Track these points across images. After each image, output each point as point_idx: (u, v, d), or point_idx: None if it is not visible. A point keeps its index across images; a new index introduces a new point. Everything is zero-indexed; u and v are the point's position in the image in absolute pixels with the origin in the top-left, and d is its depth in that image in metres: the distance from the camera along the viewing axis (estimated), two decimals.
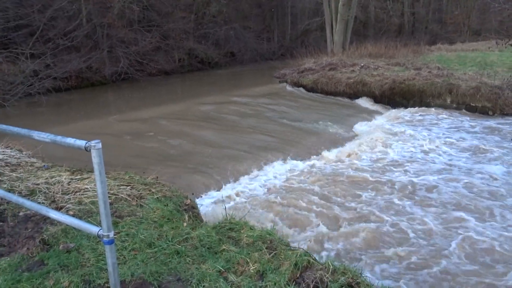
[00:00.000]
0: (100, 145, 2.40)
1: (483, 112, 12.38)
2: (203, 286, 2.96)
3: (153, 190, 4.86)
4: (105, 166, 2.46)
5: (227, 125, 10.84)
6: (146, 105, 13.73)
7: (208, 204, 6.23)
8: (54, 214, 2.97)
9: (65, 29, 16.96)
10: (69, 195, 4.45)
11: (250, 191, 6.94)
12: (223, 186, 7.08)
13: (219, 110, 12.42)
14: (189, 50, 23.96)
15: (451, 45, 24.95)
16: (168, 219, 4.15)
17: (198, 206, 5.23)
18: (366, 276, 3.39)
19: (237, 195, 6.75)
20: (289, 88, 16.99)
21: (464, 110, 12.75)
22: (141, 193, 4.70)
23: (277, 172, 7.86)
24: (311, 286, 3.05)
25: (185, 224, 4.10)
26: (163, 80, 20.57)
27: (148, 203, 4.44)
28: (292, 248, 3.61)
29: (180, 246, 3.51)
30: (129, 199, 4.48)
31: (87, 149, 2.41)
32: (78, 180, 4.87)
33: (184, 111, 12.33)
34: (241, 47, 27.16)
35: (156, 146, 8.90)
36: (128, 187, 4.81)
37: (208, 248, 3.56)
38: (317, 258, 3.55)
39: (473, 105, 12.63)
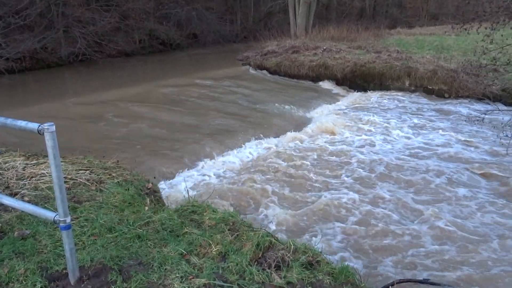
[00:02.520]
0: (53, 128, 2.31)
1: (440, 94, 12.82)
2: (165, 269, 2.95)
3: (114, 175, 4.76)
4: (62, 151, 2.38)
5: (190, 108, 10.71)
6: (106, 87, 13.32)
7: (171, 187, 6.18)
8: (7, 201, 2.86)
9: (16, 7, 16.07)
10: (24, 180, 4.29)
11: (213, 174, 6.93)
12: (186, 169, 7.02)
13: (181, 93, 12.24)
14: (150, 31, 23.34)
15: (410, 29, 25.53)
16: (129, 203, 4.09)
17: (160, 190, 5.19)
18: (326, 254, 3.49)
19: (200, 178, 6.72)
20: (252, 71, 16.94)
21: (422, 93, 13.15)
22: (100, 178, 4.59)
23: (240, 154, 7.88)
24: (273, 265, 3.11)
25: (146, 208, 4.06)
26: (123, 62, 19.99)
27: (108, 188, 4.35)
28: (254, 229, 3.64)
29: (141, 230, 3.48)
30: (88, 183, 4.38)
31: (40, 132, 2.32)
32: (33, 165, 4.70)
33: (145, 94, 12.07)
34: (203, 29, 26.71)
35: (116, 130, 8.69)
36: (87, 171, 4.69)
37: (170, 231, 3.55)
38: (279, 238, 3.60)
39: (430, 87, 13.05)
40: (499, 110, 8.87)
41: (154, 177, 5.61)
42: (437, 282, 4.15)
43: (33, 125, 2.34)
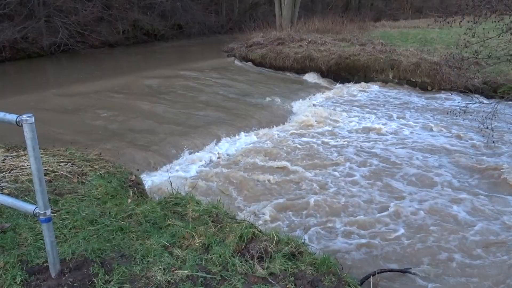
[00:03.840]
0: (33, 119, 2.28)
1: (423, 87, 12.96)
2: (148, 261, 2.95)
3: (96, 167, 4.70)
4: (43, 143, 2.36)
5: (174, 99, 10.63)
6: (88, 78, 13.12)
7: (154, 180, 6.14)
8: None
9: None
10: (4, 173, 4.21)
11: (198, 166, 6.91)
12: (170, 161, 6.99)
13: (166, 84, 12.13)
14: (134, 21, 23.01)
15: (394, 22, 25.66)
16: (111, 195, 4.05)
17: (144, 182, 5.16)
18: (308, 245, 3.52)
19: (184, 170, 6.70)
20: (237, 62, 16.87)
21: (405, 85, 13.28)
22: (82, 170, 4.54)
23: (226, 146, 7.87)
24: (256, 256, 3.13)
25: (129, 200, 4.03)
26: (107, 53, 19.70)
27: (90, 180, 4.31)
28: (237, 221, 3.66)
29: (124, 223, 3.46)
30: (69, 176, 4.32)
31: (18, 124, 2.28)
32: (13, 158, 4.62)
33: (129, 85, 11.93)
34: (188, 20, 26.43)
35: (99, 121, 8.59)
36: (69, 163, 4.63)
37: (153, 223, 3.54)
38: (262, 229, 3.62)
39: (414, 80, 13.18)
40: (481, 102, 9.01)
41: (138, 169, 5.58)
42: (418, 271, 4.23)
43: (12, 117, 2.30)
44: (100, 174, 4.52)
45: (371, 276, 3.77)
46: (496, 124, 8.52)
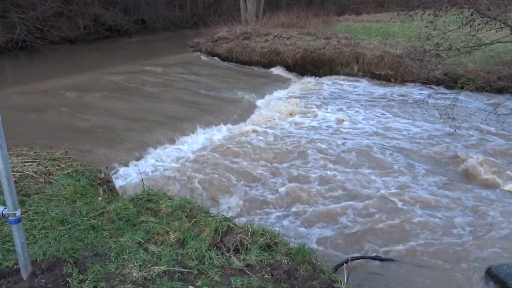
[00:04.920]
0: None
1: (386, 79, 13.28)
2: (123, 258, 2.91)
3: (63, 166, 4.58)
4: (6, 143, 2.27)
5: (140, 95, 10.45)
6: (50, 76, 12.69)
7: (124, 177, 6.04)
8: None
9: None
10: None
11: (168, 162, 6.84)
12: (139, 158, 6.87)
13: (131, 80, 11.90)
14: (95, 16, 22.39)
15: (357, 16, 26.10)
16: (81, 194, 3.97)
17: (114, 179, 5.07)
18: (283, 236, 3.57)
19: (154, 166, 6.61)
20: (203, 57, 16.75)
21: (369, 78, 13.56)
22: (49, 169, 4.41)
23: (194, 141, 7.82)
24: (232, 249, 3.14)
25: (100, 198, 3.96)
26: (68, 49, 19.10)
27: (58, 179, 4.19)
28: (211, 215, 3.66)
29: (95, 221, 3.39)
30: (36, 176, 4.19)
31: None
32: None
33: (92, 82, 11.63)
34: (152, 14, 25.98)
35: (64, 120, 8.33)
36: (34, 163, 4.49)
37: (126, 220, 3.49)
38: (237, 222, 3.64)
39: (378, 73, 13.48)
40: (442, 93, 9.33)
41: (107, 167, 5.47)
42: (388, 258, 4.37)
43: None
44: (68, 173, 4.41)
45: (344, 264, 3.87)
46: (457, 114, 8.85)
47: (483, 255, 4.38)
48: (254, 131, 8.49)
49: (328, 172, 6.52)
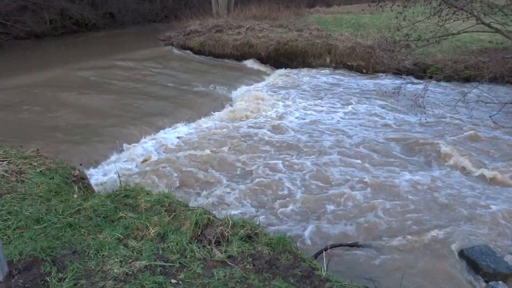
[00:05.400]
0: None
1: (358, 70, 13.47)
2: (102, 255, 2.87)
3: (35, 164, 4.47)
4: None
5: (112, 91, 10.25)
6: (15, 72, 12.26)
7: (100, 173, 5.93)
8: None
9: None
10: None
11: (143, 157, 6.75)
12: (114, 154, 6.77)
13: (101, 76, 11.64)
14: (61, 10, 21.72)
15: (328, 8, 26.28)
16: (55, 192, 3.88)
17: (88, 176, 4.97)
18: (263, 226, 3.60)
19: (130, 162, 6.52)
20: (175, 51, 16.54)
21: (342, 69, 13.71)
22: (20, 168, 4.29)
23: (167, 136, 7.74)
24: (213, 241, 3.15)
25: (75, 195, 3.89)
26: (34, 44, 18.50)
27: (30, 178, 4.09)
28: (191, 208, 3.65)
29: (72, 219, 3.33)
30: (6, 175, 4.07)
31: None
32: None
33: (61, 78, 11.31)
34: (120, 8, 25.42)
35: (33, 117, 8.09)
36: (4, 162, 4.35)
37: (104, 217, 3.44)
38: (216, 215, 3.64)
39: (350, 64, 13.65)
40: (412, 83, 9.54)
41: (81, 164, 5.35)
42: (365, 244, 4.46)
43: None
44: (41, 171, 4.30)
45: (323, 251, 3.93)
46: (427, 102, 9.08)
47: (457, 238, 4.53)
48: (227, 124, 8.47)
49: (302, 161, 6.58)
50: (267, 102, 10.00)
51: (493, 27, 8.89)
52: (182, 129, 8.14)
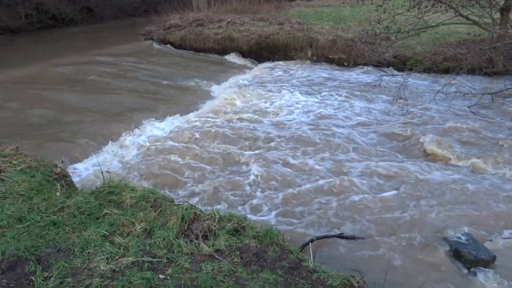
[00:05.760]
0: None
1: (339, 63, 13.53)
2: (88, 252, 2.84)
3: (15, 162, 4.38)
4: None
5: (92, 87, 10.08)
6: None
7: (82, 171, 5.85)
8: None
9: None
10: None
11: (126, 153, 6.68)
12: (96, 151, 6.67)
13: (81, 72, 11.44)
14: (37, 4, 21.24)
15: (309, 1, 26.28)
16: (37, 190, 3.82)
17: (71, 173, 4.90)
18: (250, 220, 3.61)
19: (112, 158, 6.44)
20: (156, 45, 16.37)
21: (323, 62, 13.77)
22: (0, 166, 4.20)
23: (150, 132, 7.67)
24: (200, 236, 3.14)
25: (58, 193, 3.83)
26: (9, 40, 18.08)
27: (10, 176, 4.01)
28: (177, 204, 3.63)
29: (56, 217, 3.28)
30: None
31: None
32: None
33: (39, 74, 11.10)
34: (98, 2, 24.99)
35: (11, 115, 7.92)
36: None
37: (88, 214, 3.39)
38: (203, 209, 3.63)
39: (331, 57, 13.70)
40: (393, 75, 9.65)
41: (62, 161, 5.27)
42: (350, 235, 4.51)
43: None
44: (21, 169, 4.22)
45: (310, 243, 3.96)
46: (407, 94, 9.19)
47: (440, 226, 4.62)
48: (210, 118, 8.43)
49: (287, 156, 6.60)
50: (250, 96, 9.98)
51: (470, 19, 9.06)
52: (164, 124, 8.07)
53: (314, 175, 6.00)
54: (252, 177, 5.87)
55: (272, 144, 7.12)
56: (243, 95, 10.00)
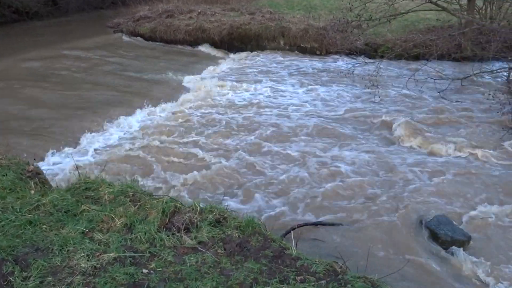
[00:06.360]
0: None
1: (312, 52, 13.58)
2: (67, 250, 2.77)
3: None
4: None
5: (61, 81, 9.78)
6: None
7: (56, 167, 5.69)
8: None
9: None
10: None
11: (101, 148, 6.54)
12: (70, 146, 6.49)
13: (48, 66, 11.07)
14: None
15: None
16: (10, 189, 3.70)
17: (45, 171, 4.77)
18: (232, 210, 3.60)
19: (86, 154, 6.29)
20: (126, 38, 16.01)
21: (296, 51, 13.79)
22: None
23: (124, 125, 7.53)
24: (182, 228, 3.12)
25: (32, 191, 3.71)
26: None
27: None
28: (156, 197, 3.59)
29: (31, 215, 3.19)
30: None
31: None
32: None
33: (5, 70, 10.67)
34: None
35: None
36: None
37: (65, 211, 3.31)
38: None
39: (303, 46, 13.74)
40: (365, 62, 9.76)
41: (34, 159, 5.11)
42: (330, 222, 4.57)
43: None
44: None
45: (292, 231, 3.99)
46: (379, 81, 9.34)
47: (417, 210, 4.74)
48: (183, 110, 8.33)
49: (263, 145, 6.62)
50: (224, 86, 9.91)
51: (439, 6, 9.24)
52: (136, 118, 7.93)
53: (290, 163, 6.03)
54: (228, 165, 5.85)
55: (248, 133, 7.11)
56: (217, 86, 9.92)
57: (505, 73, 9.59)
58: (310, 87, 9.87)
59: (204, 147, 6.60)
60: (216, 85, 10.04)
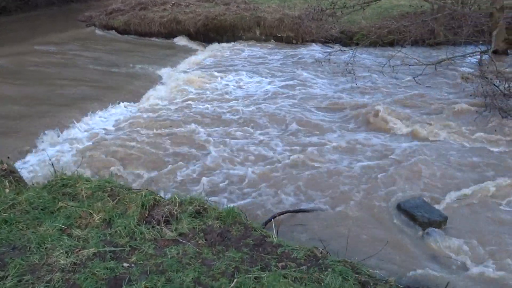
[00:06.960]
0: None
1: (288, 41, 13.57)
2: (45, 248, 2.73)
3: None
4: None
5: (34, 78, 9.54)
6: None
7: (29, 165, 5.56)
8: None
9: None
10: None
11: (75, 144, 6.41)
12: (42, 143, 6.35)
13: (18, 62, 10.77)
14: None
15: None
16: None
17: (19, 169, 4.66)
18: (212, 201, 3.60)
19: (61, 150, 6.17)
20: (98, 31, 15.70)
21: (272, 41, 13.77)
22: None
23: (99, 121, 7.41)
24: (162, 221, 3.11)
25: (7, 190, 3.63)
26: None
27: None
28: (135, 191, 3.56)
29: (7, 214, 3.13)
30: None
31: None
32: None
33: None
34: None
35: None
36: None
37: (42, 209, 3.26)
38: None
39: (279, 35, 13.73)
40: (341, 50, 9.81)
41: (8, 157, 4.99)
42: (310, 209, 4.62)
43: None
44: None
45: (272, 219, 4.01)
46: (355, 68, 9.42)
47: (394, 193, 4.83)
48: (160, 104, 8.25)
49: (240, 135, 6.62)
50: (201, 78, 9.84)
51: None
52: (110, 112, 7.82)
53: (269, 151, 6.05)
54: (208, 158, 5.84)
55: (224, 124, 7.10)
56: (193, 78, 9.83)
57: (477, 57, 9.81)
58: (286, 75, 9.88)
59: (181, 138, 6.56)
60: (192, 77, 9.95)
